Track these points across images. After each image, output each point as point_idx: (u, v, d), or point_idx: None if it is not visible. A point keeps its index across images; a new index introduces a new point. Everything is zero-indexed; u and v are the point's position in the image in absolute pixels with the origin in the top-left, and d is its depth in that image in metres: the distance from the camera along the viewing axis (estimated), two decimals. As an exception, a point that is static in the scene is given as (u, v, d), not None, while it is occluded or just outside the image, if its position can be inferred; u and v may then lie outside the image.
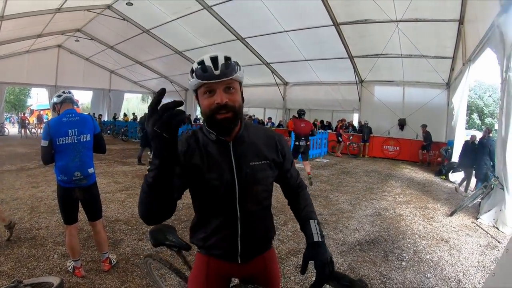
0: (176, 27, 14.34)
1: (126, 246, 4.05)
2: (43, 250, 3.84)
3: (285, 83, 19.03)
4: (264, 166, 1.49)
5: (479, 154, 7.79)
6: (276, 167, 1.56)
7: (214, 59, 1.31)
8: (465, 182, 8.65)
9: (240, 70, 1.37)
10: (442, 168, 9.41)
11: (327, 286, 1.40)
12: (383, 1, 9.84)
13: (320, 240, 1.49)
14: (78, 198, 3.23)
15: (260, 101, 20.25)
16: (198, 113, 24.45)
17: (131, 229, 4.62)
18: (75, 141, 3.14)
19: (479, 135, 9.12)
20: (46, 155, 3.12)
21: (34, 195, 6.19)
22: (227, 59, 1.33)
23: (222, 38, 14.61)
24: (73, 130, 3.14)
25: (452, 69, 12.53)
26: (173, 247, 1.96)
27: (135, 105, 39.25)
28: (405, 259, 4.16)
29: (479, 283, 3.63)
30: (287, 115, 19.09)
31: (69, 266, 3.40)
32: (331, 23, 12.03)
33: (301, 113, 8.47)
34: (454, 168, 8.91)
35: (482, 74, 45.45)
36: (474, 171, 8.22)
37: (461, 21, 9.77)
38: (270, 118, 20.41)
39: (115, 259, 3.62)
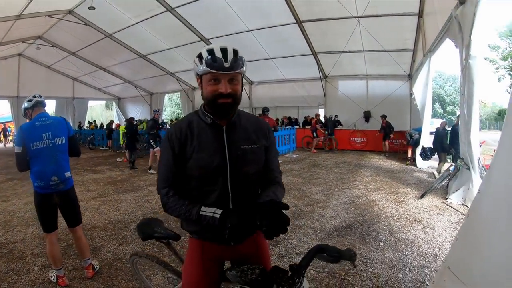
0: (140, 31, 14.10)
1: (106, 252, 3.97)
2: (22, 263, 3.66)
3: (250, 82, 19.14)
4: (254, 149, 1.58)
5: (455, 139, 8.15)
6: (265, 152, 1.64)
7: (224, 51, 1.40)
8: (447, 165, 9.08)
9: (245, 64, 1.46)
10: (424, 151, 9.73)
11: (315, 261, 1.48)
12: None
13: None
14: (56, 203, 3.12)
15: None
16: (164, 117, 24.09)
17: (110, 234, 4.53)
18: (50, 145, 3.04)
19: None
20: (21, 162, 3.01)
21: (5, 209, 5.90)
22: (236, 53, 1.42)
23: (186, 40, 14.52)
24: (47, 133, 3.04)
25: (413, 61, 13.12)
26: (162, 238, 1.97)
27: (99, 113, 38.11)
28: (382, 240, 4.34)
29: (455, 256, 3.83)
30: (254, 114, 19.14)
31: (51, 276, 3.27)
32: (294, 21, 12.29)
33: (265, 110, 9.76)
34: (431, 152, 9.32)
35: (442, 65, 47.72)
36: (451, 155, 8.63)
37: (420, 15, 10.29)
38: None
39: (97, 265, 3.52)
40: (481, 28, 5.09)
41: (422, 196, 6.53)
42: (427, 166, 10.39)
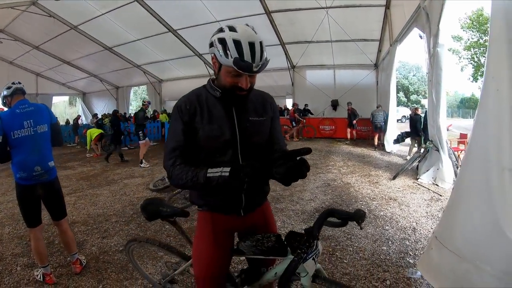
0: (106, 22, 13.51)
1: (91, 246, 3.85)
2: (3, 265, 3.44)
3: None
4: (262, 121, 1.64)
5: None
6: (270, 122, 1.70)
7: (252, 47, 1.35)
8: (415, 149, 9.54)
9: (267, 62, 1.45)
10: (398, 137, 10.11)
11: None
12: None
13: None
14: (40, 196, 2.97)
15: None
16: (130, 110, 23.42)
17: (91, 228, 4.41)
18: (32, 133, 2.88)
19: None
20: (1, 152, 2.83)
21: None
22: (262, 50, 1.39)
23: (153, 31, 14.14)
24: (28, 121, 2.88)
25: (379, 51, 13.56)
26: (170, 216, 1.91)
27: (62, 109, 36.35)
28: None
29: (431, 228, 4.13)
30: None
31: (37, 275, 3.07)
32: (263, 12, 12.30)
33: None
34: (405, 136, 9.76)
35: (406, 56, 49.46)
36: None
37: (387, 6, 10.62)
38: None
39: (84, 260, 3.39)
40: (448, 18, 5.40)
41: (394, 177, 6.86)
42: (396, 150, 10.86)
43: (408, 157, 9.23)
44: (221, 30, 1.43)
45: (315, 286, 1.57)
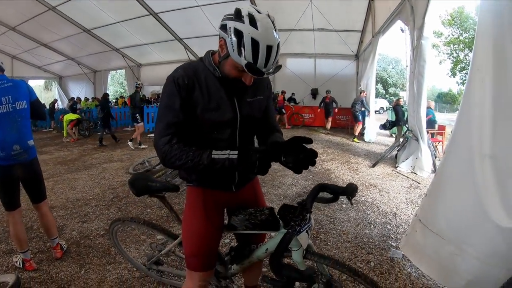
0: (85, 3, 12.89)
1: (71, 231, 3.72)
2: None
3: (198, 59, 18.64)
4: (260, 100, 1.62)
5: None
6: (265, 103, 1.69)
7: (269, 52, 1.26)
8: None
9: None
10: (386, 123, 10.09)
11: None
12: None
13: None
14: (19, 177, 2.82)
15: None
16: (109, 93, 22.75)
17: (70, 213, 4.26)
18: (10, 110, 2.72)
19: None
20: None
21: None
22: (278, 54, 1.31)
23: (134, 14, 13.70)
24: (6, 97, 2.71)
25: (361, 42, 13.68)
26: (159, 191, 1.85)
27: (38, 94, 34.95)
28: (344, 203, 4.58)
29: (411, 213, 4.25)
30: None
31: (16, 261, 2.94)
32: (247, -2, 12.15)
33: None
34: (393, 124, 9.85)
35: (386, 49, 50.24)
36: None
37: (371, -3, 10.72)
38: None
39: (64, 244, 3.26)
40: (433, 12, 5.50)
41: (374, 165, 7.00)
42: (374, 139, 11.05)
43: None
44: (239, 16, 1.27)
45: (306, 262, 1.57)
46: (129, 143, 9.27)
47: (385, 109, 28.86)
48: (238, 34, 1.25)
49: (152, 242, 2.61)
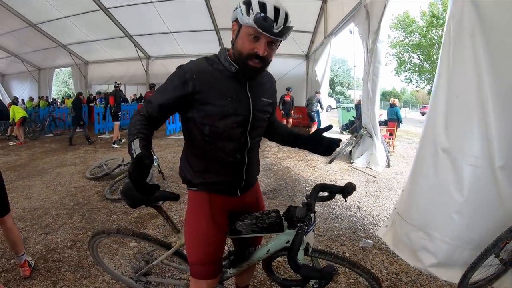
0: None
1: (35, 244, 3.42)
2: None
3: (148, 57, 18.13)
4: (270, 103, 1.64)
5: None
6: (273, 106, 1.72)
7: (277, 11, 1.29)
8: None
9: (290, 34, 1.37)
10: (347, 124, 10.36)
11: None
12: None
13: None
14: None
15: (120, 77, 18.50)
16: (53, 94, 21.33)
17: (30, 224, 3.93)
18: None
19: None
20: None
21: None
22: (287, 18, 1.32)
23: (83, 8, 13.01)
24: None
25: (312, 42, 14.11)
26: (158, 201, 1.62)
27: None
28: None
29: (373, 206, 4.59)
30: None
31: None
32: (200, -6, 12.06)
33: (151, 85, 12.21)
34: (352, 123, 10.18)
35: (333, 49, 53.07)
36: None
37: (324, 0, 11.11)
38: (135, 95, 18.94)
39: (31, 260, 2.97)
40: (387, 16, 5.83)
41: (330, 162, 7.34)
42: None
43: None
44: None
45: (306, 259, 1.62)
46: (114, 145, 9.42)
47: (331, 107, 29.94)
48: (247, 2, 1.32)
49: (137, 252, 2.53)
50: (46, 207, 4.49)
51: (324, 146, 1.65)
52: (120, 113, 10.14)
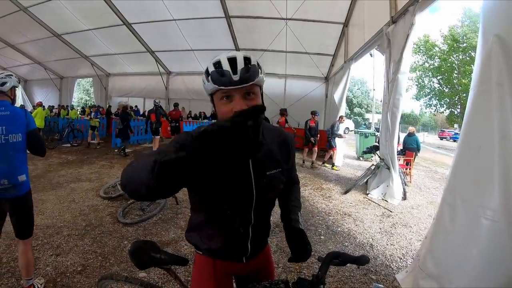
0: (58, 7, 12.46)
1: (45, 266, 3.42)
2: None
3: (169, 73, 18.56)
4: (278, 174, 1.43)
5: None
6: (287, 172, 1.52)
7: (233, 61, 1.20)
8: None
9: (261, 73, 1.25)
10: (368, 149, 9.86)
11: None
12: (277, 1, 10.65)
13: (302, 228, 1.60)
14: (6, 211, 2.65)
15: (140, 90, 19.45)
16: (74, 102, 21.83)
17: (42, 244, 3.92)
18: (3, 142, 2.53)
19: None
20: None
21: None
22: (247, 61, 1.22)
23: (107, 22, 13.49)
24: (0, 128, 2.53)
25: (332, 65, 14.12)
26: (165, 264, 1.65)
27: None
28: (322, 234, 4.71)
29: (387, 244, 4.44)
30: (169, 105, 17.94)
31: None
32: (223, 15, 12.31)
33: (175, 104, 12.64)
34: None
35: (352, 70, 53.57)
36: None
37: (345, 24, 11.16)
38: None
39: (42, 283, 2.98)
40: (410, 47, 5.71)
41: (346, 192, 7.19)
42: (341, 164, 11.29)
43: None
44: None
45: None
46: None
47: (350, 129, 29.63)
48: (206, 71, 1.26)
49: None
50: (58, 225, 4.52)
51: (296, 250, 1.54)
52: (160, 129, 11.07)
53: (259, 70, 1.24)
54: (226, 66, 1.19)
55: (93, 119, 12.90)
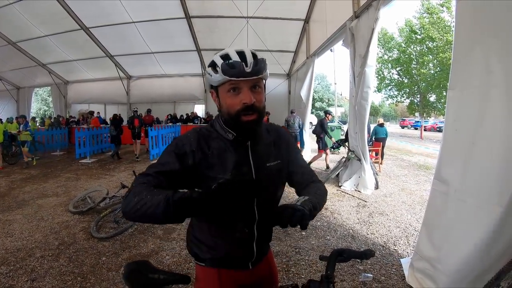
0: (12, 12, 11.79)
1: None
2: None
3: (129, 77, 18.24)
4: (279, 166, 1.42)
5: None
6: (287, 166, 1.49)
7: (242, 54, 1.21)
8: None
9: (267, 68, 1.28)
10: (333, 145, 9.54)
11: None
12: (238, 0, 10.69)
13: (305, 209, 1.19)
14: None
15: (100, 96, 18.93)
16: (32, 113, 20.76)
17: (15, 269, 3.64)
18: None
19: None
20: None
21: None
22: (255, 55, 1.24)
23: (64, 28, 12.97)
24: None
25: (293, 62, 14.34)
26: (166, 284, 1.36)
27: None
28: (303, 230, 4.75)
29: (367, 234, 4.58)
30: (131, 110, 17.86)
31: None
32: (183, 16, 12.20)
33: (148, 110, 13.44)
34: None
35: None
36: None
37: (306, 21, 11.36)
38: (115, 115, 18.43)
39: None
40: (375, 41, 5.84)
41: (319, 186, 7.27)
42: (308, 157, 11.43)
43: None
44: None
45: None
46: (137, 159, 11.73)
47: (313, 123, 30.14)
48: (211, 64, 1.24)
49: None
50: (29, 247, 4.22)
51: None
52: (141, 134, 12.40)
53: (266, 65, 1.27)
54: (235, 58, 1.19)
55: (22, 132, 10.91)
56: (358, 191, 6.80)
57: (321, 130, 9.47)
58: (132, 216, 1.10)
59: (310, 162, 9.33)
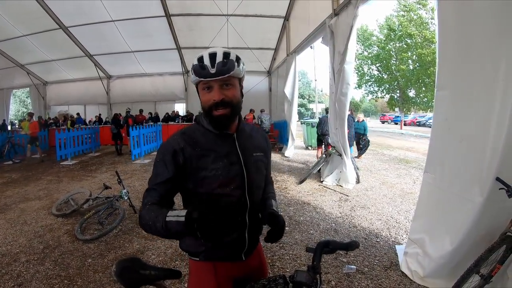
0: None
1: None
2: None
3: (109, 77, 18.00)
4: (262, 157, 1.57)
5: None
6: (267, 161, 1.65)
7: (213, 56, 1.33)
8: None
9: (239, 66, 1.37)
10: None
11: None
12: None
13: (278, 211, 1.64)
14: None
15: (80, 97, 18.62)
16: (11, 115, 20.17)
17: (0, 274, 3.56)
18: None
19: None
20: None
21: None
22: (226, 56, 1.34)
23: (43, 27, 12.70)
24: None
25: (273, 59, 14.43)
26: (158, 279, 1.46)
27: None
28: (286, 225, 4.82)
29: (350, 227, 4.72)
30: (112, 111, 17.65)
31: None
32: (163, 14, 12.15)
33: (140, 110, 14.57)
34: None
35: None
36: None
37: (286, 18, 11.46)
38: (97, 116, 18.05)
39: None
40: (354, 38, 5.95)
41: (301, 182, 7.44)
42: (292, 155, 11.67)
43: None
44: None
45: None
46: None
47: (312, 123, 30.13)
48: (192, 66, 1.39)
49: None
50: (14, 252, 4.18)
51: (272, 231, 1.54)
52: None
53: (236, 63, 1.36)
54: (207, 60, 1.33)
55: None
56: (340, 185, 6.96)
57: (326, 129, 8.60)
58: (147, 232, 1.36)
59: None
